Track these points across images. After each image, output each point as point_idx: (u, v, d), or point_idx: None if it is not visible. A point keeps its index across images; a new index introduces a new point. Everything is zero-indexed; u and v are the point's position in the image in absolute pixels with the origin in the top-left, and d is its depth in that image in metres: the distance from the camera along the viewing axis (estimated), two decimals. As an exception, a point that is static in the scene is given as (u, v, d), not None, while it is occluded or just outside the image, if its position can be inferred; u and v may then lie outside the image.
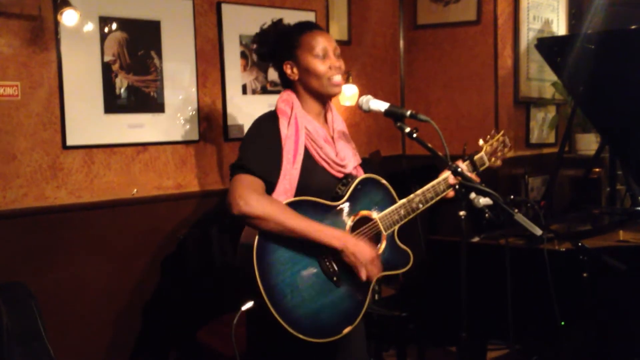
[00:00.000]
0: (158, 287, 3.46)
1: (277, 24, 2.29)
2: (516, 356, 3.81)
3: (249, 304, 2.00)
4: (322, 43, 2.21)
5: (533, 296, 2.68)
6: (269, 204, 2.02)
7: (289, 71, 2.23)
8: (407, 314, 3.29)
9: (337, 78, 2.22)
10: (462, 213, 2.06)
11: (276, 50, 2.26)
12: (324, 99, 2.26)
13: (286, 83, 2.29)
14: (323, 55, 2.20)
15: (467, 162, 2.42)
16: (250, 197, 2.00)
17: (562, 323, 2.59)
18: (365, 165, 2.37)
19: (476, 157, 2.45)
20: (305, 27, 2.26)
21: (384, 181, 2.28)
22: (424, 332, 3.36)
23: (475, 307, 2.21)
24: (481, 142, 2.50)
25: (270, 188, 2.09)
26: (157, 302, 3.45)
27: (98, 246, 3.26)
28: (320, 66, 2.19)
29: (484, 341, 3.27)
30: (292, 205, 2.07)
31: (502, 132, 2.56)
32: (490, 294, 2.68)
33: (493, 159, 2.51)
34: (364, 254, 2.08)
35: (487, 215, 2.05)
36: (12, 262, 2.97)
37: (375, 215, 2.22)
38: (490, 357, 3.64)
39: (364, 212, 2.21)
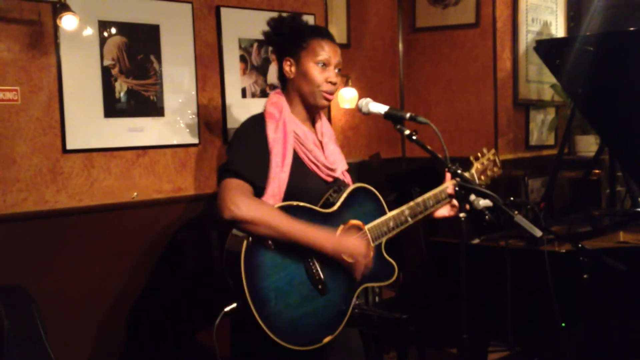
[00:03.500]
0: (158, 290, 3.46)
1: (295, 16, 2.27)
2: (516, 358, 3.82)
3: (232, 306, 1.99)
4: (327, 53, 2.19)
5: (533, 298, 2.68)
6: (260, 208, 2.01)
7: (287, 68, 2.23)
8: (407, 315, 3.29)
9: (330, 91, 2.21)
10: (462, 215, 2.06)
11: (285, 42, 2.24)
12: (311, 107, 2.25)
13: (282, 79, 2.28)
14: (324, 65, 2.19)
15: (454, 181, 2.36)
16: (240, 202, 1.99)
17: (563, 324, 2.59)
18: (351, 171, 2.36)
19: (465, 174, 2.37)
20: (318, 32, 2.24)
21: (375, 191, 2.27)
22: (424, 334, 3.36)
23: (475, 308, 2.21)
24: (471, 158, 2.47)
25: (258, 192, 2.08)
26: (157, 305, 3.45)
27: (98, 250, 3.27)
28: (317, 75, 2.18)
29: (484, 343, 3.27)
30: (284, 209, 2.05)
31: (492, 152, 2.52)
32: (491, 296, 2.68)
33: (483, 178, 2.47)
34: (358, 249, 2.09)
35: (487, 217, 2.05)
36: (13, 266, 2.98)
37: (365, 225, 2.20)
38: (490, 358, 3.64)
39: (354, 222, 2.19)
